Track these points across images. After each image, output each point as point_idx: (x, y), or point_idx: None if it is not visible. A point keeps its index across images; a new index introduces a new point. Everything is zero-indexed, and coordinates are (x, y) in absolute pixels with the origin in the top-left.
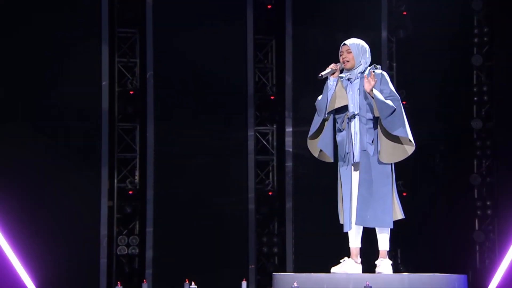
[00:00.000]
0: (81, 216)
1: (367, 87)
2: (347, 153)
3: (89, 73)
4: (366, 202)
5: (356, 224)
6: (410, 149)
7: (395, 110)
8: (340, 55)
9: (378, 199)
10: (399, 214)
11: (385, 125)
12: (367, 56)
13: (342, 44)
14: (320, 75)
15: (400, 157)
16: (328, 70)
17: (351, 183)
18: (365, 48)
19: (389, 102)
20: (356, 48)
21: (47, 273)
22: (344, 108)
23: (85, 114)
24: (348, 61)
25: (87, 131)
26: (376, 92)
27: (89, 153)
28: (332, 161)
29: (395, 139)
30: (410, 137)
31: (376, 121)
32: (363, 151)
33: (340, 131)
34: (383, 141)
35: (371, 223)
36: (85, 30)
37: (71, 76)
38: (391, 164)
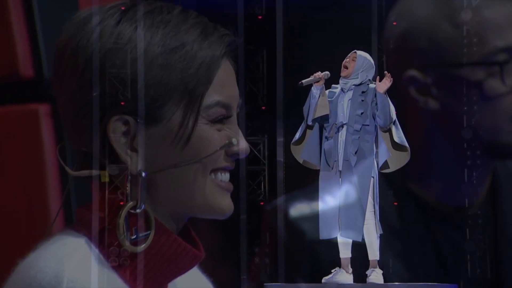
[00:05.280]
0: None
1: (383, 88)
2: (335, 161)
3: None
4: (342, 213)
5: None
6: (407, 157)
7: (395, 120)
8: (345, 59)
9: (351, 211)
10: (378, 229)
11: (393, 130)
12: (369, 74)
13: (353, 51)
14: (300, 82)
15: (397, 165)
16: (311, 78)
17: (334, 190)
18: (371, 65)
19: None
20: (362, 61)
21: None
22: (331, 117)
23: None
24: (346, 68)
25: None
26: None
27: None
28: (319, 168)
29: (395, 146)
30: (407, 145)
31: (364, 131)
32: (345, 161)
33: (327, 139)
34: (388, 148)
35: (341, 234)
36: None
37: None
38: (373, 177)
